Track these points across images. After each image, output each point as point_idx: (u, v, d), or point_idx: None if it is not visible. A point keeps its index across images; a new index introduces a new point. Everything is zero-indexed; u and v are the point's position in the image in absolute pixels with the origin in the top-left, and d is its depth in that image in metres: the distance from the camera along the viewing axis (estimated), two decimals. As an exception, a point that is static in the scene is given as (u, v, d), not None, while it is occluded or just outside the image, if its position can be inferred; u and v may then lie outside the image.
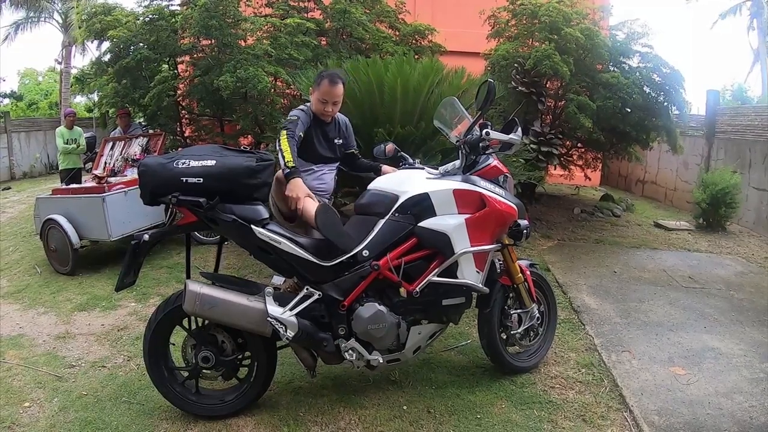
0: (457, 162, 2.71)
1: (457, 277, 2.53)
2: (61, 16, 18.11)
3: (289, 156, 2.59)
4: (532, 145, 6.13)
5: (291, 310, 2.35)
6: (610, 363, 3.11)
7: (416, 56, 6.16)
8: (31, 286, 4.54)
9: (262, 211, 2.37)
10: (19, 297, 4.29)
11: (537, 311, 2.94)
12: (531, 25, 6.29)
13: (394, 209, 2.50)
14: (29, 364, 3.10)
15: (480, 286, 2.60)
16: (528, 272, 2.90)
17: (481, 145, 2.65)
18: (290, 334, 2.32)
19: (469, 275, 2.55)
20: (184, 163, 2.27)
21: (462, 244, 2.49)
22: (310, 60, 5.68)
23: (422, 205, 2.49)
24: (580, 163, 7.61)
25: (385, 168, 3.07)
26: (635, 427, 2.51)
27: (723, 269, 5.09)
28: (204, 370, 2.49)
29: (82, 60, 19.02)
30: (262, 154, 2.39)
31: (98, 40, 6.14)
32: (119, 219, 4.80)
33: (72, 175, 7.29)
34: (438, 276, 2.49)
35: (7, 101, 20.04)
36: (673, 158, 8.75)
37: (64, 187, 5.99)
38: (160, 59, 6.09)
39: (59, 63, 18.62)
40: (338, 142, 3.13)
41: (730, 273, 4.97)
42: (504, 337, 2.91)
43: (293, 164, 2.56)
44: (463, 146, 2.66)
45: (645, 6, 40.26)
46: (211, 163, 2.28)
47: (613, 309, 3.94)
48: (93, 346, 3.37)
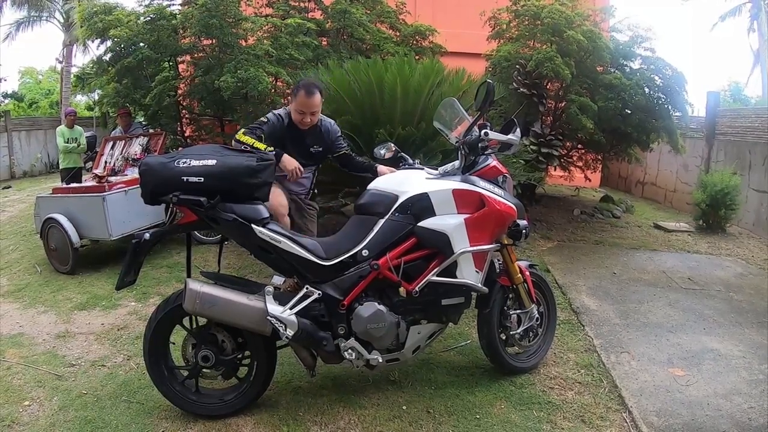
0: (457, 162, 2.72)
1: (456, 277, 2.53)
2: (63, 15, 18.12)
3: (260, 144, 2.71)
4: (532, 146, 6.13)
5: (291, 309, 2.36)
6: (610, 364, 3.11)
7: (417, 57, 6.17)
8: (31, 285, 4.55)
9: (263, 211, 2.38)
10: (19, 296, 4.30)
11: (536, 312, 2.94)
12: (533, 26, 6.29)
13: (393, 209, 2.50)
14: (29, 363, 3.11)
15: (479, 286, 2.61)
16: (527, 273, 2.91)
17: (480, 145, 2.66)
18: (290, 333, 2.33)
19: (469, 275, 2.55)
20: (185, 162, 2.28)
21: (461, 243, 2.50)
22: (311, 60, 5.69)
23: (422, 205, 2.50)
24: (580, 164, 7.60)
25: (381, 168, 3.08)
26: (634, 428, 2.51)
27: (722, 271, 5.09)
28: (204, 370, 2.49)
29: (83, 59, 19.03)
30: (262, 154, 2.40)
31: (99, 39, 6.14)
32: (119, 218, 4.81)
33: (72, 175, 7.29)
34: (437, 276, 2.50)
35: (8, 101, 20.03)
36: (673, 160, 8.76)
37: (64, 186, 6.00)
38: (161, 59, 6.09)
39: (60, 62, 18.62)
40: (315, 149, 3.16)
41: (729, 274, 4.98)
42: (503, 337, 2.91)
43: (271, 148, 2.62)
44: (462, 147, 2.67)
45: (644, 6, 40.31)
46: (211, 162, 2.28)
47: (612, 310, 3.94)
48: (93, 345, 3.37)
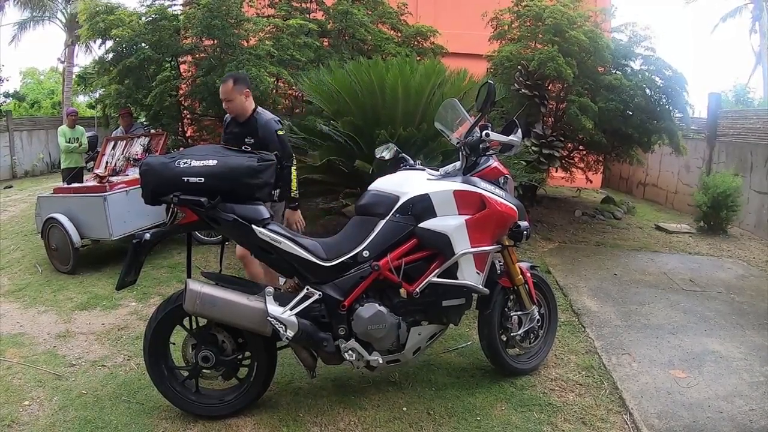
0: (458, 163, 2.71)
1: (457, 278, 2.53)
2: (65, 15, 18.14)
3: None
4: (533, 147, 6.12)
5: (291, 309, 2.36)
6: (611, 366, 3.10)
7: (418, 58, 6.17)
8: (31, 285, 4.55)
9: (263, 211, 2.39)
10: (19, 295, 4.30)
11: (537, 313, 2.94)
12: (535, 27, 6.28)
13: (394, 210, 2.50)
14: (29, 363, 3.11)
15: (480, 287, 2.60)
16: (528, 274, 2.90)
17: (481, 146, 2.66)
18: (290, 333, 2.33)
19: (470, 276, 2.55)
20: (186, 162, 2.28)
21: (462, 245, 2.50)
22: (312, 61, 5.69)
23: (423, 206, 2.50)
24: (581, 165, 7.59)
25: (287, 213, 3.48)
26: (635, 430, 2.51)
27: (724, 272, 5.08)
28: (204, 370, 2.49)
29: (85, 59, 19.07)
30: (263, 154, 2.40)
31: (101, 40, 6.14)
32: (120, 218, 4.81)
33: (74, 174, 7.29)
34: (438, 277, 2.50)
35: (9, 100, 20.04)
36: (675, 161, 8.75)
37: (65, 186, 6.00)
38: (163, 59, 6.10)
39: (62, 62, 18.64)
40: (248, 141, 3.29)
41: (730, 276, 4.97)
42: (504, 339, 2.91)
43: None
44: (463, 147, 2.67)
45: (645, 6, 40.27)
46: (212, 162, 2.29)
47: (613, 312, 3.94)
48: (93, 345, 3.37)
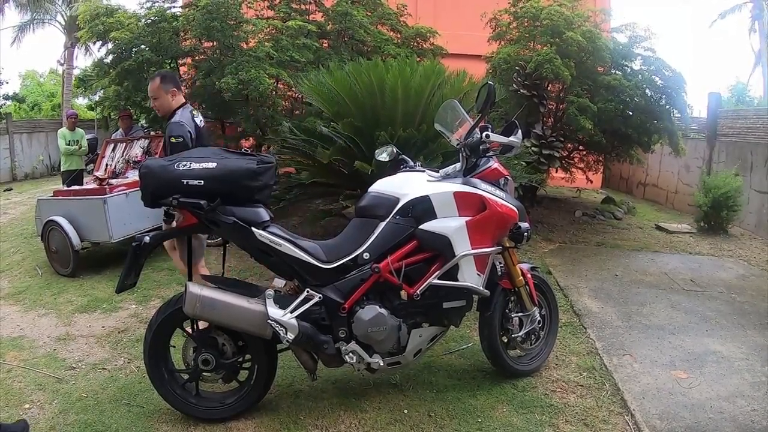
0: (458, 164, 2.71)
1: (457, 280, 2.52)
2: (64, 18, 18.15)
3: None
4: (533, 147, 6.11)
5: (291, 312, 2.35)
6: (612, 366, 3.10)
7: (418, 59, 6.17)
8: (31, 288, 4.54)
9: (263, 214, 2.38)
10: (19, 298, 4.30)
11: (538, 314, 2.93)
12: (532, 28, 6.28)
13: (394, 212, 2.50)
14: (29, 366, 3.10)
15: (481, 288, 2.60)
16: (529, 275, 2.89)
17: (481, 147, 2.65)
18: (290, 336, 2.32)
19: (470, 278, 2.54)
20: (185, 165, 2.28)
21: (463, 246, 2.49)
22: (312, 62, 5.69)
23: (423, 208, 2.49)
24: (581, 165, 7.59)
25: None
26: (636, 431, 2.50)
27: (724, 272, 5.07)
28: (204, 373, 2.49)
29: (84, 60, 19.07)
30: (263, 157, 2.40)
31: (101, 42, 6.14)
32: (120, 221, 4.81)
33: (73, 177, 7.30)
34: (439, 278, 2.49)
35: (9, 103, 20.05)
36: (675, 161, 8.74)
37: (65, 188, 6.00)
38: (162, 61, 6.10)
39: (62, 64, 18.63)
40: (166, 139, 3.29)
41: (731, 276, 4.96)
42: (505, 340, 2.90)
43: None
44: (463, 149, 2.66)
45: (644, 6, 40.29)
46: (212, 165, 2.29)
47: (614, 312, 3.93)
48: (93, 348, 3.37)
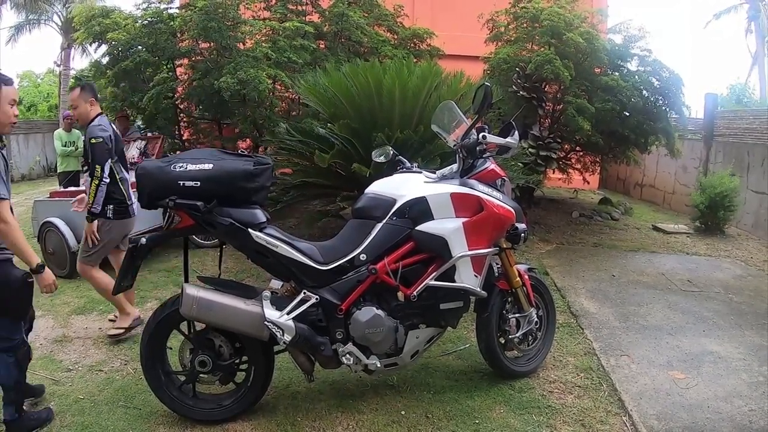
0: (455, 166, 2.71)
1: (455, 281, 2.52)
2: (60, 19, 18.11)
3: None
4: (530, 148, 6.12)
5: (288, 314, 2.35)
6: (609, 367, 3.10)
7: (415, 60, 6.17)
8: (28, 290, 4.51)
9: (260, 215, 2.38)
10: (16, 300, 4.27)
11: (535, 315, 2.93)
12: (532, 28, 6.29)
13: (391, 213, 2.50)
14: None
15: (478, 290, 2.59)
16: (526, 276, 2.89)
17: (478, 148, 2.66)
18: (287, 338, 2.32)
19: (467, 279, 2.54)
20: (182, 166, 2.27)
21: (460, 247, 2.49)
22: (309, 63, 5.68)
23: (420, 209, 2.49)
24: (578, 166, 7.60)
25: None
26: (634, 432, 2.51)
27: (721, 272, 5.08)
28: (201, 375, 2.48)
29: (81, 61, 19.02)
30: (260, 158, 2.40)
31: (97, 43, 6.12)
32: (117, 222, 4.78)
33: (70, 178, 7.27)
34: (436, 280, 2.49)
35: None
36: (672, 161, 8.75)
37: (62, 190, 5.98)
38: (159, 62, 6.08)
39: (58, 65, 18.58)
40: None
41: (728, 276, 4.97)
42: (502, 341, 2.90)
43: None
44: (460, 150, 2.66)
45: (641, 6, 40.40)
46: (208, 166, 2.28)
47: (611, 313, 3.94)
48: (90, 350, 3.36)
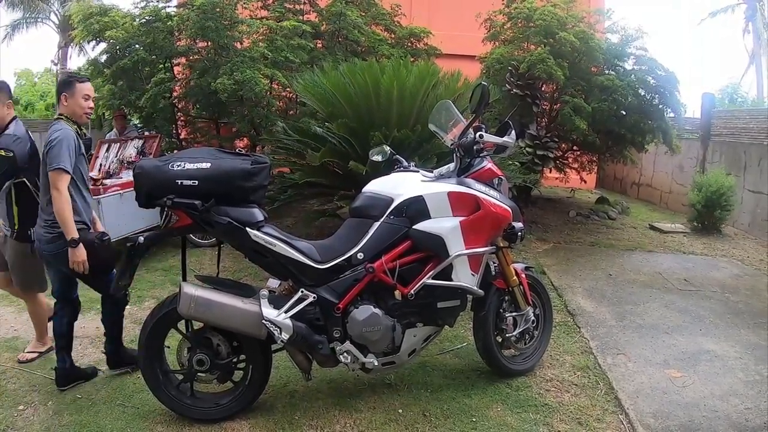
0: (452, 165, 2.72)
1: (452, 280, 2.53)
2: (58, 17, 18.07)
3: None
4: (527, 148, 6.13)
5: (286, 312, 2.35)
6: (606, 366, 3.11)
7: (412, 59, 6.17)
8: (25, 289, 4.51)
9: (258, 214, 2.38)
10: (13, 299, 4.24)
11: (532, 314, 2.94)
12: (526, 28, 6.30)
13: (388, 212, 2.50)
14: (24, 367, 3.08)
15: (475, 288, 2.61)
16: (523, 275, 2.91)
17: (475, 147, 2.66)
18: (285, 336, 2.32)
19: (464, 278, 2.55)
20: (180, 165, 2.27)
21: (457, 246, 2.50)
22: (306, 63, 5.69)
23: (417, 208, 2.50)
24: (575, 165, 7.62)
25: None
26: (631, 430, 2.52)
27: (718, 272, 5.10)
28: (199, 373, 2.48)
29: (78, 60, 18.97)
30: (257, 157, 2.41)
31: (95, 41, 6.11)
32: (114, 221, 4.77)
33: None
34: (433, 278, 2.50)
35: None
36: (669, 161, 8.79)
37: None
38: (157, 61, 6.08)
39: (55, 64, 18.54)
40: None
41: (725, 275, 4.99)
42: (499, 340, 2.91)
43: None
44: (457, 149, 2.67)
45: (639, 5, 40.46)
46: (206, 165, 2.28)
47: (608, 312, 3.95)
48: (88, 349, 3.35)
